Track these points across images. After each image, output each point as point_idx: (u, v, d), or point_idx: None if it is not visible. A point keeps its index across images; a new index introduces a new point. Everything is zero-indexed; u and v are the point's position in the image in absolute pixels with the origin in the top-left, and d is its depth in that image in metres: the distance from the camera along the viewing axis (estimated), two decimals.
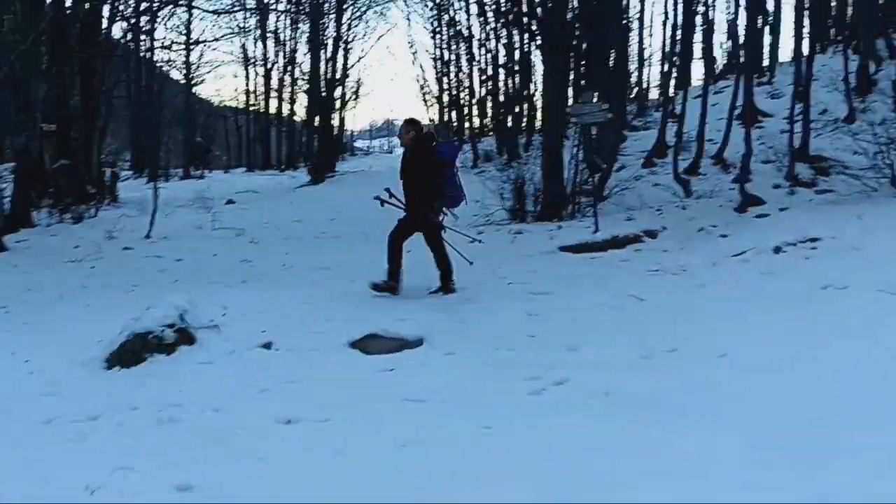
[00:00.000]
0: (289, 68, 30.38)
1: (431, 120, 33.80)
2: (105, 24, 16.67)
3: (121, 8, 16.82)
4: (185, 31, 26.15)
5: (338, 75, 26.71)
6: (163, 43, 23.56)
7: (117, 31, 18.85)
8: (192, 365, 4.61)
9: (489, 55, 24.52)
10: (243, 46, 30.66)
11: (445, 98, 29.65)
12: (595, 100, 10.06)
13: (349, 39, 27.44)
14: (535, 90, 21.58)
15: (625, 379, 4.07)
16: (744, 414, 3.45)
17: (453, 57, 27.46)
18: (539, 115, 19.09)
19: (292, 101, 31.04)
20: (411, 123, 6.94)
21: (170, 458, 3.29)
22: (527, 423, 3.53)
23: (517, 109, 22.85)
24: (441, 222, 6.75)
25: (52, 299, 6.79)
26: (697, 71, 43.77)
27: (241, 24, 27.04)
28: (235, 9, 18.79)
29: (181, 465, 3.21)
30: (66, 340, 5.17)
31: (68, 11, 14.03)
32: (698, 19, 16.43)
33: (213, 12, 18.99)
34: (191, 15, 24.61)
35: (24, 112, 12.86)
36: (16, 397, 4.10)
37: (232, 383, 4.32)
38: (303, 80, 28.16)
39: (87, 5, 14.82)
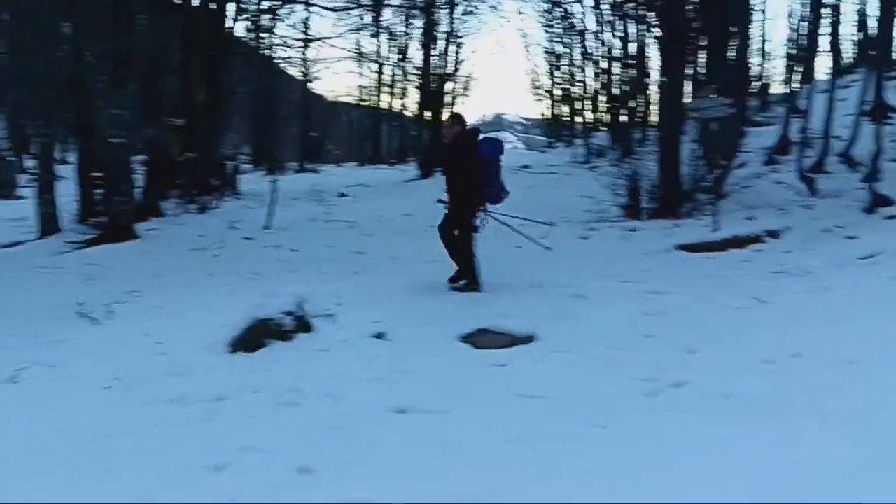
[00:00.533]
0: (401, 63, 30.86)
1: (543, 115, 33.57)
2: (230, 23, 17.40)
3: (244, 7, 17.50)
4: (303, 29, 26.93)
5: (449, 70, 26.89)
6: (282, 40, 24.31)
7: (240, 29, 19.60)
8: (310, 352, 4.74)
9: (603, 48, 24.12)
10: (358, 42, 31.32)
11: (557, 92, 29.37)
12: (715, 94, 9.73)
13: (461, 34, 27.57)
14: (651, 83, 21.09)
15: (745, 382, 3.91)
16: (868, 422, 3.26)
17: (566, 50, 27.16)
18: (655, 109, 18.62)
19: (403, 96, 31.53)
20: (455, 118, 7.01)
21: (289, 441, 3.41)
22: (642, 423, 3.44)
23: (631, 103, 22.39)
24: (477, 219, 6.76)
25: (179, 285, 7.14)
26: (822, 65, 41.69)
27: (358, 21, 27.60)
28: (352, 6, 19.21)
29: (300, 447, 3.31)
30: (193, 324, 5.41)
31: (197, 12, 14.71)
32: (825, 10, 15.65)
33: (331, 9, 19.48)
34: (309, 13, 25.32)
35: (155, 107, 13.61)
36: (149, 376, 4.32)
37: (347, 371, 4.41)
38: (414, 74, 28.54)
39: (212, 5, 15.51)
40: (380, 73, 31.82)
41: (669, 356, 4.50)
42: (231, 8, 16.99)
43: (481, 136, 6.96)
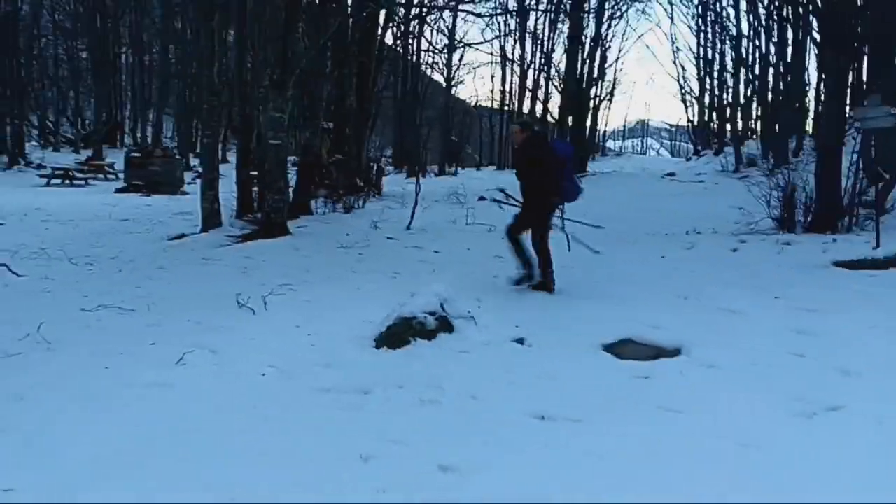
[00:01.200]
0: (544, 67, 30.79)
1: (690, 121, 32.47)
2: (380, 30, 17.99)
3: (393, 15, 18.04)
4: (448, 35, 27.45)
5: (594, 74, 26.57)
6: (429, 46, 24.91)
7: (388, 36, 20.24)
8: (451, 352, 4.84)
9: (757, 53, 23.06)
10: (502, 47, 31.53)
11: (706, 99, 28.36)
12: (880, 102, 9.08)
13: (608, 38, 27.19)
14: (808, 91, 19.99)
15: None
16: None
17: (717, 56, 26.18)
18: (811, 117, 17.63)
19: (546, 101, 31.41)
20: (524, 125, 7.34)
21: (432, 438, 3.51)
22: (791, 445, 3.32)
23: (786, 111, 21.29)
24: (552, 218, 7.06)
25: (327, 280, 7.45)
26: None
27: (504, 26, 27.81)
28: (498, 12, 19.37)
29: (442, 445, 3.41)
30: (340, 318, 5.65)
31: (350, 20, 15.31)
32: None
33: (478, 15, 19.75)
34: (455, 18, 25.77)
35: (310, 111, 14.29)
36: (301, 366, 4.55)
37: (488, 374, 4.47)
38: (558, 78, 28.41)
39: (364, 14, 16.09)
40: (523, 77, 31.88)
41: (823, 377, 4.28)
42: (382, 16, 17.54)
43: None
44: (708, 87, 28.11)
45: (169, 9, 32.27)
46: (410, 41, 24.89)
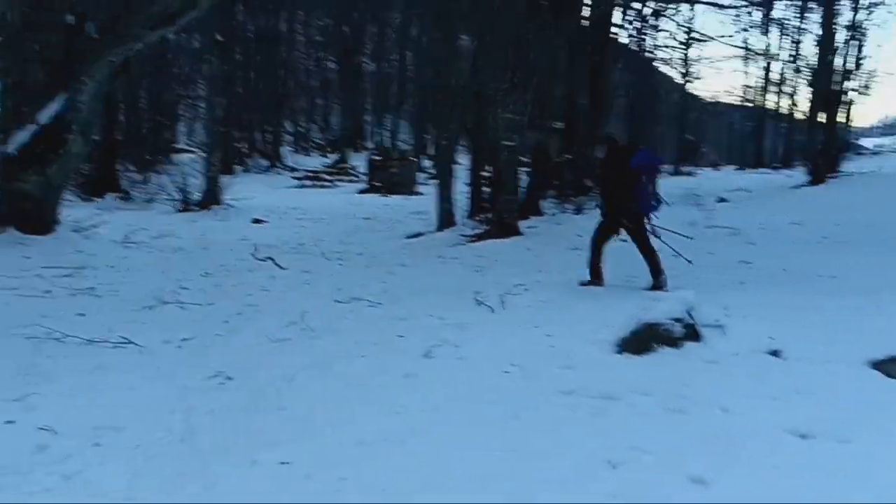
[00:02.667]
0: (792, 60, 28.58)
1: None
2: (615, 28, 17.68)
3: (630, 12, 17.66)
4: (686, 29, 26.34)
5: (848, 66, 24.21)
6: (665, 41, 24.08)
7: (622, 34, 19.82)
8: (698, 362, 4.61)
9: None
10: (745, 39, 29.72)
11: None
12: None
13: (864, 28, 24.62)
14: None
15: None
16: None
17: None
18: None
19: (792, 96, 29.15)
20: (607, 138, 7.83)
21: (678, 448, 3.36)
22: None
23: None
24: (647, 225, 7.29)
25: (560, 281, 7.47)
26: None
27: (747, 17, 26.17)
28: (742, 4, 18.24)
29: (691, 456, 3.25)
30: (577, 320, 5.61)
31: (586, 21, 15.20)
32: None
33: (721, 6, 18.71)
34: (694, 12, 24.70)
35: (542, 110, 14.36)
36: (540, 367, 4.56)
37: (738, 386, 4.20)
38: (807, 72, 26.25)
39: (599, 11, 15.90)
40: (767, 70, 29.84)
41: None
42: (616, 14, 17.23)
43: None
44: None
45: (408, 17, 34.00)
46: (645, 37, 24.20)
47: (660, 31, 24.87)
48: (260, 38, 30.10)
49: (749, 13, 26.14)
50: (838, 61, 23.02)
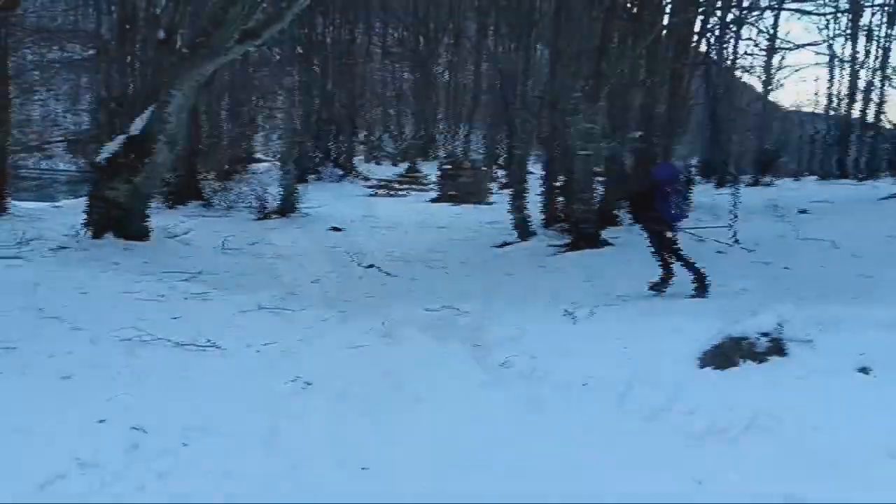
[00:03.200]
0: (880, 67, 27.48)
1: None
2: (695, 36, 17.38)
3: (710, 21, 17.32)
4: (768, 36, 25.64)
5: None
6: (746, 49, 23.51)
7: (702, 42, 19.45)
8: (785, 378, 4.46)
9: None
10: (829, 46, 28.69)
11: None
12: None
13: None
14: None
15: None
16: None
17: None
18: None
19: (880, 104, 27.98)
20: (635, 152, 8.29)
21: (771, 466, 3.27)
22: None
23: None
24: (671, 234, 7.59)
25: (651, 295, 7.44)
26: None
27: (833, 24, 25.34)
28: (829, 11, 17.65)
29: (786, 476, 3.18)
30: (657, 332, 5.54)
31: (666, 29, 14.97)
32: None
33: (807, 13, 18.10)
34: (777, 18, 24.03)
35: (619, 120, 14.18)
36: (619, 380, 4.47)
37: (827, 404, 4.05)
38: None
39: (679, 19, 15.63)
40: (853, 78, 28.72)
41: None
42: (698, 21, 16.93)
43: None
44: None
45: (483, 27, 34.13)
46: (725, 44, 23.66)
47: (742, 39, 24.24)
48: (337, 49, 30.66)
49: (835, 19, 25.32)
50: None
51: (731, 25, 18.87)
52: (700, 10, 15.57)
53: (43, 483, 3.16)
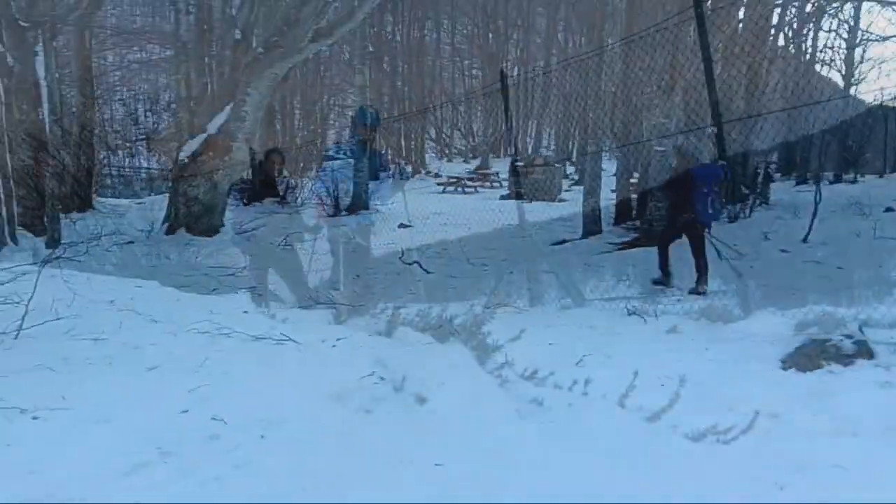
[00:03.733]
0: None
1: None
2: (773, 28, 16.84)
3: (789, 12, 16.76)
4: (850, 28, 24.69)
5: None
6: (827, 42, 22.65)
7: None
8: (871, 382, 4.29)
9: None
10: None
11: None
12: None
13: None
14: None
15: None
16: None
17: None
18: None
19: None
20: (677, 149, 8.75)
21: (857, 472, 3.15)
22: None
23: None
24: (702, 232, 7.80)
25: (716, 292, 7.20)
26: None
27: None
28: None
29: (877, 484, 3.04)
30: (734, 334, 5.39)
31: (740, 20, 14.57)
32: None
33: (888, 4, 17.38)
34: (858, 10, 23.13)
35: (695, 116, 13.86)
36: (697, 380, 4.36)
37: None
38: None
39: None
40: None
41: None
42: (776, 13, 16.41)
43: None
44: None
45: (553, 23, 33.89)
46: (805, 37, 22.87)
47: (822, 31, 23.38)
48: (406, 47, 30.91)
49: None
50: None
51: (811, 17, 18.19)
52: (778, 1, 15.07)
53: (128, 471, 3.25)
